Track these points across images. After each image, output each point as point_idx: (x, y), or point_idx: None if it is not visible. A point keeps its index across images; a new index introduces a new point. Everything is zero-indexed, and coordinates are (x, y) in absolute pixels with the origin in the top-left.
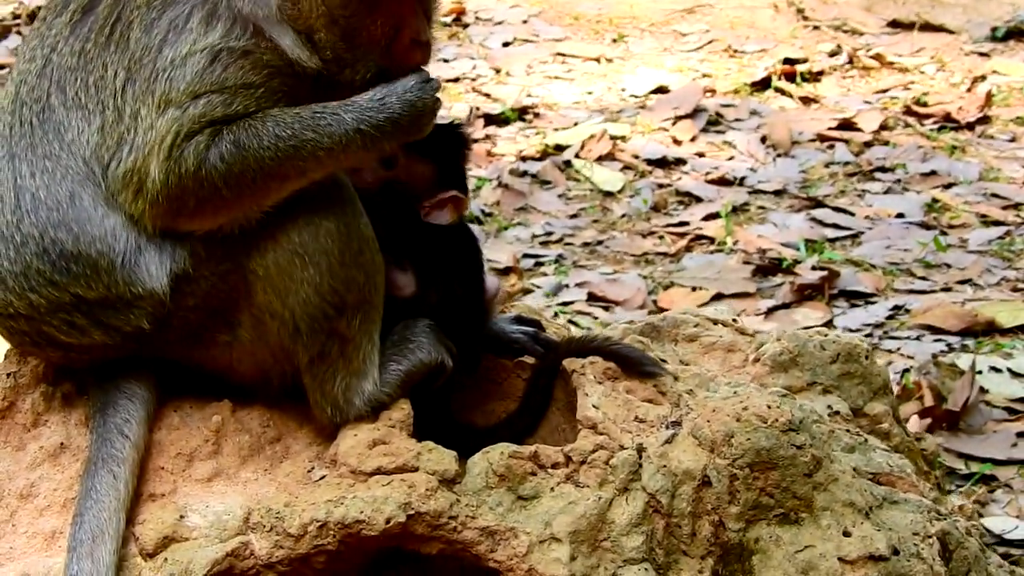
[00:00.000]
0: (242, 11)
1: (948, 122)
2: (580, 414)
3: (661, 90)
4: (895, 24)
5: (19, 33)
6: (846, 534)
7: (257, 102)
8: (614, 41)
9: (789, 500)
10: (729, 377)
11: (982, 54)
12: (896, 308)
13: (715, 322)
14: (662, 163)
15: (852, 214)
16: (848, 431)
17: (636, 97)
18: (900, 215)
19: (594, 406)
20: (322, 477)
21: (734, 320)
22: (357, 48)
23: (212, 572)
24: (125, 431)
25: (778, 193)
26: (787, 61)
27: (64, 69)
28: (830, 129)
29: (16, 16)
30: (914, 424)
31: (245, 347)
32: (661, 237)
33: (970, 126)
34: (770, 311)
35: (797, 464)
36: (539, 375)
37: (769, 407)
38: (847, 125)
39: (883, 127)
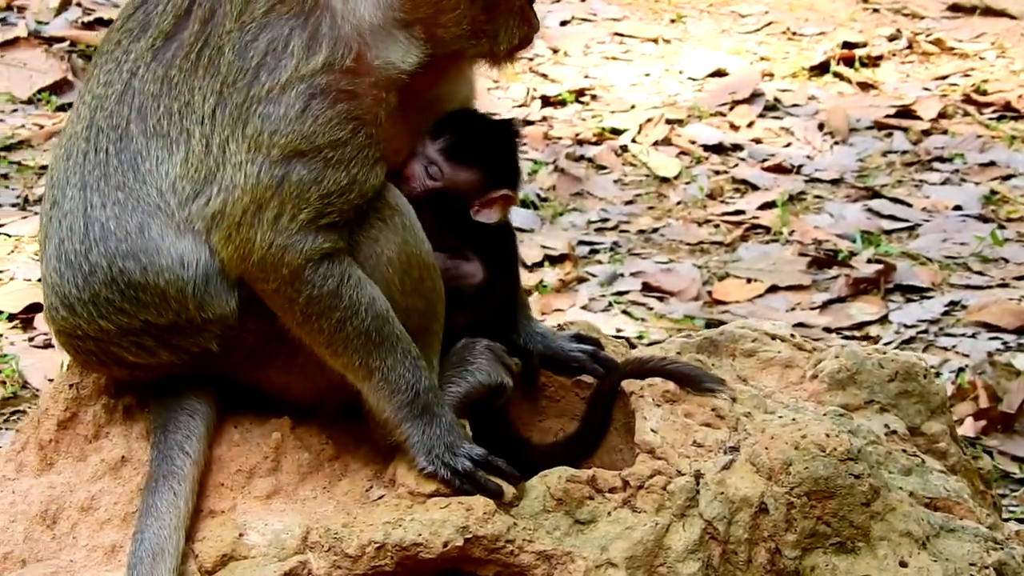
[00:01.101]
0: (343, 30)
1: (1008, 111)
2: (638, 438)
3: (719, 73)
4: (956, 8)
5: (79, 5)
6: (903, 564)
7: (347, 169)
8: (672, 21)
9: (846, 529)
10: (787, 394)
11: None
12: (952, 304)
13: (773, 337)
14: (718, 149)
15: (909, 205)
16: (905, 451)
17: (694, 80)
18: (957, 207)
19: (652, 430)
20: (380, 497)
21: (792, 335)
22: (498, 18)
23: None
24: (186, 448)
25: (835, 182)
26: (846, 45)
27: (146, 96)
28: (888, 116)
29: None
30: (968, 426)
31: (302, 370)
32: (717, 226)
33: None
34: (825, 305)
35: (855, 493)
36: (598, 398)
37: (828, 435)
38: (905, 113)
39: (942, 115)
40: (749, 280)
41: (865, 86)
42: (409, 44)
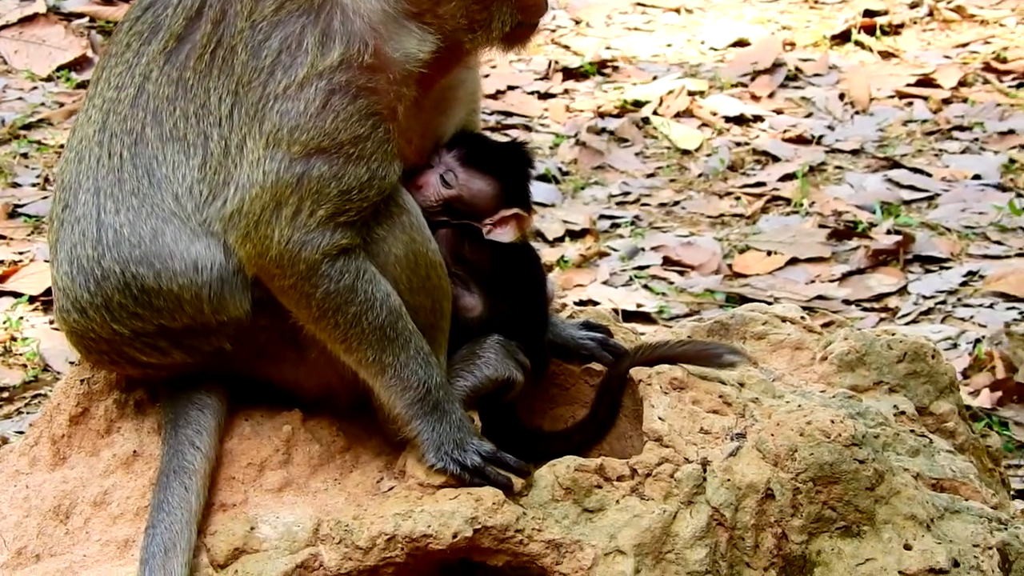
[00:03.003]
0: (356, 25)
1: None
2: (646, 426)
3: (740, 43)
4: None
5: None
6: (907, 547)
7: (368, 165)
8: None
9: (851, 513)
10: (797, 376)
11: None
12: (970, 274)
13: (783, 319)
14: (740, 120)
15: (929, 175)
16: (913, 432)
17: (715, 51)
18: (976, 176)
19: (660, 418)
20: (390, 488)
21: (802, 317)
22: (491, 6)
23: None
24: (196, 443)
25: (855, 152)
26: (867, 13)
27: (161, 99)
28: (909, 86)
29: None
30: (985, 398)
31: (312, 365)
32: (737, 198)
33: None
34: (844, 277)
35: (859, 478)
36: (607, 386)
37: (832, 422)
38: (926, 82)
39: (962, 83)
40: (769, 253)
41: (886, 55)
42: (423, 34)
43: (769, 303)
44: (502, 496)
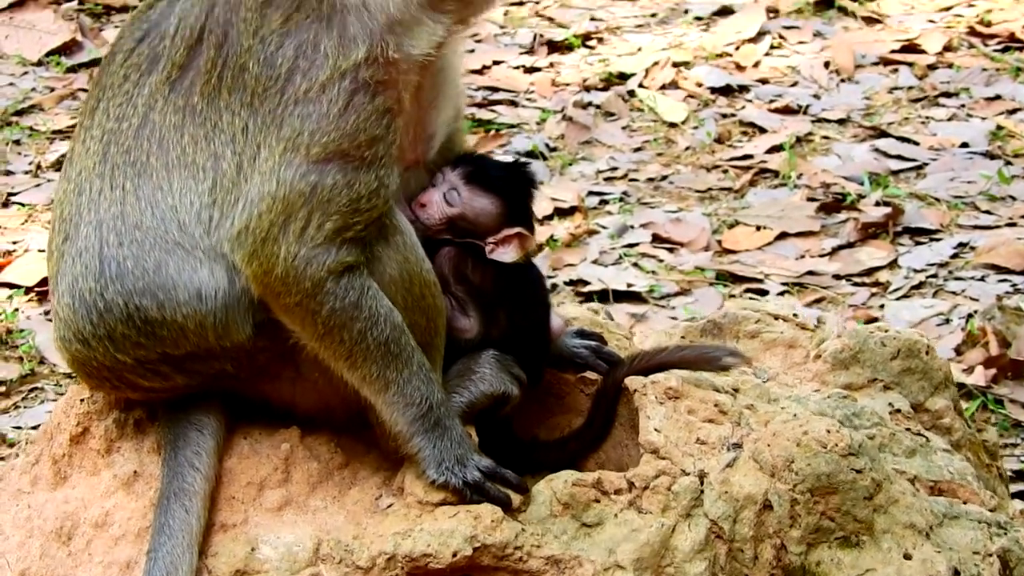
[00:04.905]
0: (374, 25)
1: (1013, 42)
2: (642, 438)
3: (725, 11)
4: None
5: None
6: (907, 556)
7: (376, 172)
8: None
9: (850, 523)
10: (791, 375)
11: None
12: (960, 245)
13: (776, 317)
14: (726, 91)
15: (916, 143)
16: (909, 430)
17: (700, 20)
18: (964, 144)
19: (656, 429)
20: (389, 506)
21: (795, 315)
22: None
23: None
24: (196, 464)
25: (842, 122)
26: None
27: (167, 128)
28: (893, 52)
29: None
30: (979, 375)
31: (309, 383)
32: (725, 171)
33: None
34: (834, 251)
35: (857, 488)
36: (602, 396)
37: (829, 431)
38: (910, 47)
39: (947, 48)
40: (758, 228)
41: (870, 20)
42: (435, 24)
43: (760, 280)
44: (500, 513)
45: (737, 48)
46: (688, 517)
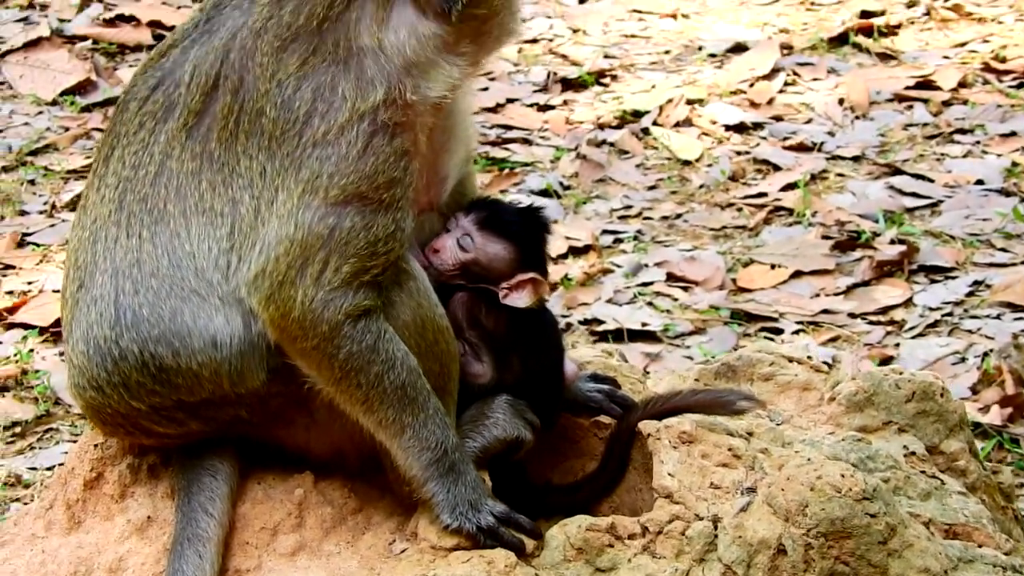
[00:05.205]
0: (390, 68)
1: None
2: (656, 482)
3: (739, 47)
4: None
5: (101, 1)
6: None
7: (393, 215)
8: None
9: (864, 568)
10: (805, 418)
11: None
12: (976, 283)
13: (790, 360)
14: (740, 128)
15: (931, 181)
16: (924, 472)
17: (713, 57)
18: (979, 181)
19: (669, 474)
20: (403, 551)
21: (809, 357)
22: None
23: None
24: (209, 509)
25: (856, 159)
26: (864, 14)
27: (185, 174)
28: (908, 88)
29: None
30: (995, 414)
31: (322, 428)
32: (740, 209)
33: None
34: (849, 289)
35: (871, 532)
36: (616, 440)
37: (843, 476)
38: (925, 84)
39: (962, 84)
40: (773, 266)
41: (884, 56)
42: (451, 66)
43: (775, 319)
44: (514, 558)
45: (751, 85)
46: (702, 562)
